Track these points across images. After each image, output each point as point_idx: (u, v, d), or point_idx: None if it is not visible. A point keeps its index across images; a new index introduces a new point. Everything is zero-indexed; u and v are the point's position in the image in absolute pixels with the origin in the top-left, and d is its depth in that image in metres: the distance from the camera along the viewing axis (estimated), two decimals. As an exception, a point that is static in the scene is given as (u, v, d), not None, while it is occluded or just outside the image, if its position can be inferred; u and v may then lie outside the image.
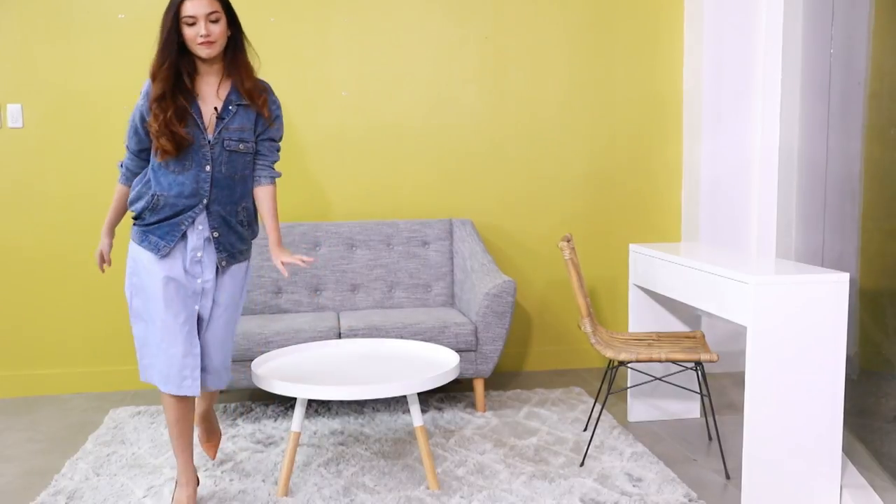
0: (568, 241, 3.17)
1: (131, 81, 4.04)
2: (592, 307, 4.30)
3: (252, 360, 3.40)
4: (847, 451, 3.03)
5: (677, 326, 3.59)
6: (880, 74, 3.22)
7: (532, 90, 4.40)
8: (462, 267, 4.09)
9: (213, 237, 2.63)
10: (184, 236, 2.62)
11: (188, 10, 2.51)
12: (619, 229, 4.52)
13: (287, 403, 3.88)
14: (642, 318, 3.58)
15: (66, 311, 4.15)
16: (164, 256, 2.60)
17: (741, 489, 2.77)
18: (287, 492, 2.87)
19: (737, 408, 3.77)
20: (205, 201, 2.60)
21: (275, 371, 2.97)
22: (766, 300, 2.65)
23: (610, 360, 3.24)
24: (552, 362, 4.54)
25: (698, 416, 3.66)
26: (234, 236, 2.68)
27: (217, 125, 2.59)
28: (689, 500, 2.80)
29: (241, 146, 2.63)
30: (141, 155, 2.68)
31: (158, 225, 2.61)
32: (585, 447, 3.25)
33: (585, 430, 3.49)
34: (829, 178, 3.60)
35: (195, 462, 3.14)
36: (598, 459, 3.15)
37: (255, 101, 2.63)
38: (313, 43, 4.24)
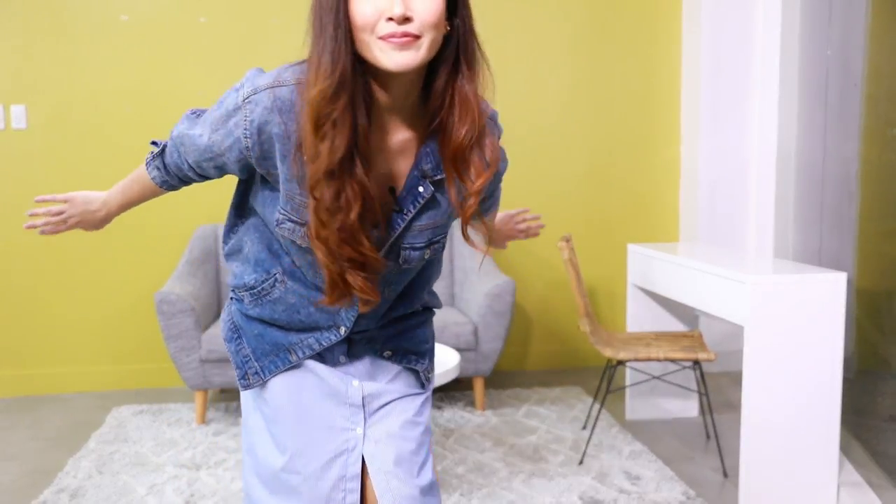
0: (567, 241, 3.19)
1: (134, 83, 4.07)
2: (591, 307, 4.32)
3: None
4: (844, 449, 3.04)
5: (675, 326, 3.61)
6: (877, 76, 3.24)
7: (531, 90, 4.42)
8: (462, 267, 4.11)
9: (384, 355, 1.58)
10: None
11: None
12: (617, 229, 4.54)
13: (288, 402, 3.89)
14: (641, 317, 3.60)
15: (69, 311, 4.17)
16: (247, 388, 1.54)
17: (739, 487, 2.79)
18: (288, 490, 2.88)
19: (734, 406, 3.79)
20: (342, 330, 1.49)
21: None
22: (763, 299, 2.67)
23: (609, 359, 3.26)
24: (551, 362, 4.56)
25: (696, 414, 3.68)
26: (408, 336, 1.60)
27: (393, 223, 1.39)
28: (688, 498, 2.82)
29: (428, 252, 1.45)
30: (198, 175, 1.50)
31: (258, 333, 1.52)
32: (584, 445, 3.27)
33: (584, 428, 3.51)
34: (827, 179, 3.63)
35: (196, 461, 3.16)
36: (597, 458, 3.18)
37: (474, 174, 1.36)
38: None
